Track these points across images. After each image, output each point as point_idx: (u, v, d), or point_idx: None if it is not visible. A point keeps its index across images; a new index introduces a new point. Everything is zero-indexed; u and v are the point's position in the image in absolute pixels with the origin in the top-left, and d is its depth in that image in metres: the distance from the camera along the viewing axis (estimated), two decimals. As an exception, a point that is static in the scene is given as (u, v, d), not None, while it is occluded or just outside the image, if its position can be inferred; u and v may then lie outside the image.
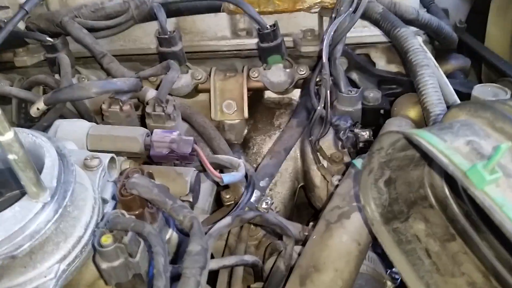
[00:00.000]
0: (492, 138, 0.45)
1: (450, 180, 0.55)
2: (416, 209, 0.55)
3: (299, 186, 1.05)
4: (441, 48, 1.15)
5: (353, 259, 0.60)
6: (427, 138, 0.43)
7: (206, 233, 0.64)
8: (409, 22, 0.98)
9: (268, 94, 1.12)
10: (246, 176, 0.82)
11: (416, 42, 0.84)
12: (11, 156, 0.47)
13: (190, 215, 0.53)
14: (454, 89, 1.03)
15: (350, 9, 0.89)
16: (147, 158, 0.81)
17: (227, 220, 0.63)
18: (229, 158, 0.82)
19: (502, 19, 1.39)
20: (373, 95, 0.99)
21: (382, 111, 1.00)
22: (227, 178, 0.76)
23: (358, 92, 0.92)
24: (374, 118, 1.00)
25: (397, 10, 0.96)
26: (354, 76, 1.08)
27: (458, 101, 0.80)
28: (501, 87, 0.82)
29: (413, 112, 0.86)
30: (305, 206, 1.10)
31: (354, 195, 0.64)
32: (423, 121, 0.80)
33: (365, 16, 0.93)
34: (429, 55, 0.89)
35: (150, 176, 0.67)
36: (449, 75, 1.15)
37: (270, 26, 0.96)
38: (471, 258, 0.53)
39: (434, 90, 0.78)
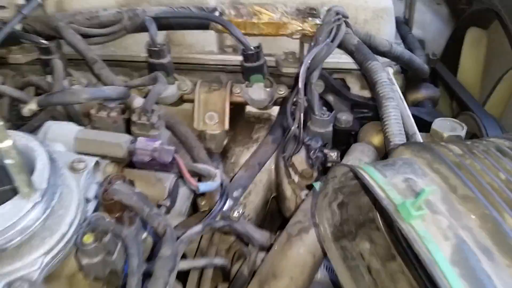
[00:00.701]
0: (428, 178, 0.53)
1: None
2: (364, 230, 0.63)
3: (272, 196, 1.13)
4: (413, 78, 1.25)
5: (308, 269, 0.67)
6: (370, 173, 0.51)
7: (178, 238, 0.71)
8: (382, 54, 1.06)
9: (249, 108, 1.19)
10: (221, 185, 0.89)
11: (384, 76, 0.93)
12: (8, 161, 0.53)
13: (163, 223, 0.60)
14: (421, 118, 1.13)
15: (328, 39, 0.97)
16: (130, 163, 0.87)
17: (198, 227, 0.70)
18: (206, 168, 0.89)
19: (475, 51, 1.49)
20: (346, 117, 1.08)
21: (353, 133, 1.08)
22: (202, 187, 0.83)
23: (330, 116, 1.00)
24: (345, 139, 1.08)
25: (371, 43, 1.04)
26: (330, 98, 1.16)
27: (417, 133, 0.88)
28: (458, 122, 0.91)
29: (377, 139, 0.94)
30: (278, 215, 1.17)
31: (311, 214, 0.71)
32: (384, 149, 0.88)
33: (342, 47, 1.01)
34: (396, 87, 0.97)
35: (131, 183, 0.74)
36: (418, 104, 1.25)
37: (254, 47, 1.04)
38: (407, 278, 0.61)
39: (395, 122, 0.86)
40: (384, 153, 0.88)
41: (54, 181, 0.62)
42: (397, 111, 0.88)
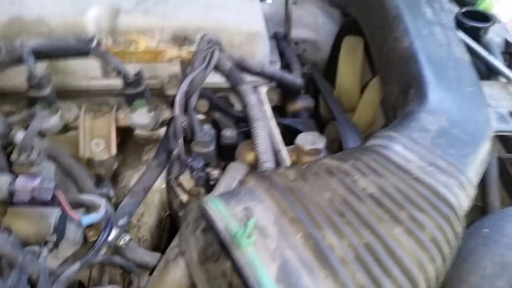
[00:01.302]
0: (264, 204, 0.62)
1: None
2: (226, 251, 0.71)
3: (166, 214, 1.19)
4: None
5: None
6: (215, 205, 0.59)
7: (60, 275, 0.75)
8: (256, 74, 1.16)
9: (138, 130, 1.23)
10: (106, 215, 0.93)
11: (252, 98, 1.02)
12: None
13: (37, 269, 0.63)
14: (296, 128, 1.25)
15: (202, 66, 1.05)
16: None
17: (76, 266, 0.74)
18: (91, 200, 0.93)
19: (351, 58, 1.64)
20: (229, 134, 1.17)
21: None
22: (86, 220, 0.87)
23: (210, 136, 1.08)
24: (231, 154, 1.17)
25: (245, 65, 1.14)
26: (216, 115, 1.24)
27: (283, 149, 1.00)
28: (319, 135, 1.04)
29: (250, 157, 1.04)
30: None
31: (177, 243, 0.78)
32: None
33: (218, 70, 1.09)
34: (266, 107, 1.08)
35: (7, 229, 0.76)
36: (297, 114, 1.37)
37: (134, 74, 1.08)
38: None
39: (263, 141, 0.96)
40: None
41: None
42: (264, 131, 0.99)
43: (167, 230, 1.22)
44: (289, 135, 1.27)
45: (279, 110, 1.40)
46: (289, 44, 1.46)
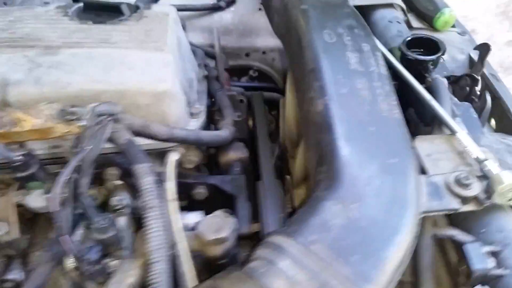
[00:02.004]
0: None
1: None
2: None
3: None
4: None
5: None
6: None
7: None
8: (164, 140, 1.03)
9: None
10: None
11: (148, 181, 0.89)
12: None
13: None
14: (224, 190, 1.12)
15: (91, 145, 0.92)
16: None
17: None
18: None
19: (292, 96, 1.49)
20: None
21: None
22: None
23: (109, 221, 0.96)
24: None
25: (150, 132, 1.01)
26: (133, 181, 1.11)
27: (182, 241, 0.87)
28: (227, 217, 0.92)
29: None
30: None
31: None
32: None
33: (114, 144, 0.97)
34: (168, 185, 0.95)
35: None
36: (229, 167, 1.24)
37: (23, 155, 0.96)
38: None
39: (156, 236, 0.84)
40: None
41: None
42: (159, 221, 0.86)
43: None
44: (217, 197, 1.16)
45: (210, 162, 1.28)
46: (222, 86, 1.31)
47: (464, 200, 0.83)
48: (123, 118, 0.99)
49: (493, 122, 1.41)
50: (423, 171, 0.91)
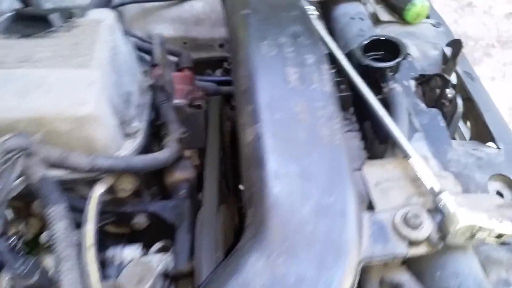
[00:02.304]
0: None
1: None
2: None
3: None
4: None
5: None
6: None
7: None
8: (87, 172, 0.93)
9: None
10: None
11: (60, 226, 0.80)
12: None
13: None
14: (164, 218, 1.02)
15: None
16: None
17: None
18: None
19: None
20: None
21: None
22: None
23: (28, 266, 0.86)
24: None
25: (69, 165, 0.90)
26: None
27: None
28: (149, 268, 0.81)
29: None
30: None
31: None
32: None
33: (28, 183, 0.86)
34: (87, 228, 0.85)
35: None
36: (176, 187, 1.14)
37: None
38: None
39: (69, 283, 0.75)
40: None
41: None
42: (72, 274, 0.77)
43: None
44: (160, 226, 1.06)
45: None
46: (168, 96, 1.19)
47: (413, 242, 0.72)
48: (38, 151, 0.88)
49: (469, 124, 1.29)
50: (370, 204, 0.80)
